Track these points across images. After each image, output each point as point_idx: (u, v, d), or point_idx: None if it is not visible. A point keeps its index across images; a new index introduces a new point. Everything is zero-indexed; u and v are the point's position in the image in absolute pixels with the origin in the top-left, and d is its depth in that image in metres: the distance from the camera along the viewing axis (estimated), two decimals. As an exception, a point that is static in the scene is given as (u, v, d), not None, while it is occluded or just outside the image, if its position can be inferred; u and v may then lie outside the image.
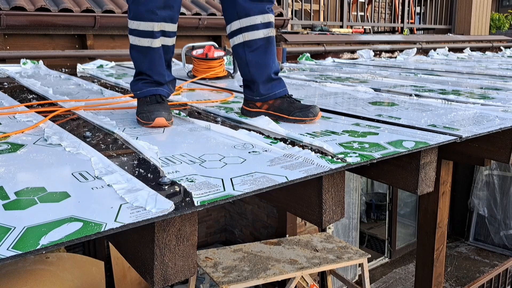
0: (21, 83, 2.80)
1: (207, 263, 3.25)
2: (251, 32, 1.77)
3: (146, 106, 1.72)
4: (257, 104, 1.84)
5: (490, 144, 1.86)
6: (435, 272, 2.94)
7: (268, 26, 1.79)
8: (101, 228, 0.81)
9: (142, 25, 1.71)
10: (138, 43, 1.74)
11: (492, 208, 7.13)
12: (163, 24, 1.73)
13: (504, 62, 5.16)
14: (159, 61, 1.78)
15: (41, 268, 3.51)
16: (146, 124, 1.66)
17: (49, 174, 1.12)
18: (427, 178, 1.51)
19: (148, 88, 1.78)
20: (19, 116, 1.80)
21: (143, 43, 1.73)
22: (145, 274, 1.02)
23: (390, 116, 1.86)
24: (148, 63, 1.77)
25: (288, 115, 1.76)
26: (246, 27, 1.77)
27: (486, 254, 7.08)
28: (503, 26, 8.91)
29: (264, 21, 1.77)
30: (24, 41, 3.76)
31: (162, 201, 0.92)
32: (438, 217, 2.81)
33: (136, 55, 1.78)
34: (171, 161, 1.23)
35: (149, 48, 1.73)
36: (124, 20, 4.04)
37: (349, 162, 1.22)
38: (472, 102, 2.19)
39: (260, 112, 1.81)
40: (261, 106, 1.83)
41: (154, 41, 1.73)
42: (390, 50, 6.19)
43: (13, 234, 0.78)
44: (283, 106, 1.79)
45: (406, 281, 6.26)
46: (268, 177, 1.10)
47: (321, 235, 3.84)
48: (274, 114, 1.80)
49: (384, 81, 3.18)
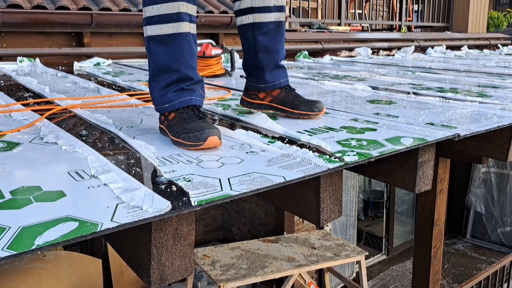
0: (18, 81, 2.79)
1: (205, 261, 3.25)
2: (262, 14, 1.65)
3: (188, 123, 1.39)
4: (260, 96, 1.75)
5: (488, 142, 1.86)
6: (432, 269, 2.95)
7: (280, 10, 1.68)
8: (97, 228, 0.81)
9: (164, 8, 1.42)
10: (160, 31, 1.44)
11: (489, 206, 7.15)
12: (187, 5, 1.45)
13: (502, 60, 5.16)
14: (188, 50, 1.47)
15: (38, 266, 3.50)
16: (195, 146, 1.33)
17: (45, 173, 1.11)
18: (425, 177, 1.51)
19: (181, 99, 1.46)
20: (15, 114, 1.79)
21: (166, 30, 1.44)
22: (142, 274, 1.02)
23: (388, 114, 1.85)
24: (175, 54, 1.45)
25: (293, 109, 1.70)
26: (258, 8, 1.64)
27: (483, 251, 7.10)
28: (501, 24, 8.92)
29: (278, 4, 1.67)
30: (20, 39, 3.74)
31: (159, 200, 0.92)
32: (436, 215, 2.82)
33: (158, 48, 1.46)
34: (168, 160, 1.23)
35: (175, 34, 1.44)
36: (121, 18, 4.05)
37: (347, 161, 1.21)
38: (470, 100, 2.19)
39: (262, 105, 1.74)
40: (264, 98, 1.75)
41: (181, 25, 1.44)
42: (388, 48, 6.18)
43: (8, 234, 0.77)
44: (288, 99, 1.72)
45: (404, 278, 6.27)
46: (265, 177, 1.09)
47: (318, 233, 3.84)
48: (277, 107, 1.73)
49: (382, 79, 3.18)
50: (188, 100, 1.46)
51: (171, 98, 1.46)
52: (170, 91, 1.46)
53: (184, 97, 1.46)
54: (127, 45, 4.26)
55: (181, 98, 1.46)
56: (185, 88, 1.47)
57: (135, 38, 4.34)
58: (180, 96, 1.46)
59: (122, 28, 4.15)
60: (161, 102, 1.48)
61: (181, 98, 1.46)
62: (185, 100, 1.46)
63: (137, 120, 1.76)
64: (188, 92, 1.47)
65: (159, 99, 1.48)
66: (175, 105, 1.45)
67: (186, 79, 1.47)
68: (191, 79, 1.48)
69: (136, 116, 1.83)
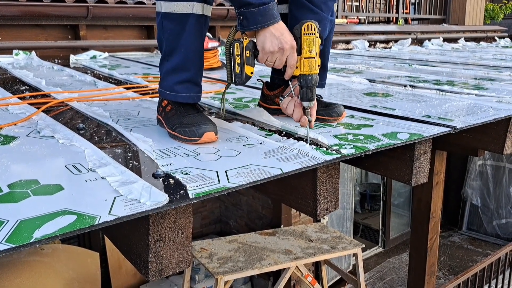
0: (14, 75, 2.77)
1: (202, 254, 3.26)
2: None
3: (184, 117, 1.38)
4: (276, 100, 1.65)
5: (484, 134, 1.87)
6: (428, 261, 2.97)
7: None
8: (95, 221, 0.81)
9: None
10: (175, 9, 1.36)
11: (485, 198, 7.18)
12: None
13: (498, 53, 5.17)
14: (197, 34, 1.40)
15: (36, 259, 3.50)
16: (191, 141, 1.32)
17: (42, 166, 1.11)
18: (421, 169, 1.52)
19: (185, 93, 1.43)
20: (12, 108, 1.78)
21: (181, 9, 1.36)
22: (140, 267, 1.02)
23: (384, 107, 1.86)
24: (185, 40, 1.38)
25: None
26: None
27: (479, 243, 7.15)
28: (497, 16, 8.91)
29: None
30: (16, 32, 3.72)
31: (157, 193, 0.92)
32: (432, 207, 2.83)
33: (171, 27, 1.38)
34: (165, 153, 1.23)
35: (189, 15, 1.37)
36: (117, 10, 4.02)
37: (343, 154, 1.22)
38: (466, 93, 2.19)
39: (278, 110, 1.63)
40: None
41: (196, 6, 1.36)
42: (384, 40, 6.18)
43: (7, 227, 0.78)
44: None
45: (400, 270, 6.32)
46: (263, 169, 1.10)
47: (315, 226, 3.86)
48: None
49: (378, 72, 3.18)
50: (190, 98, 1.44)
51: (177, 90, 1.43)
52: (177, 82, 1.43)
53: (189, 93, 1.44)
54: (123, 38, 4.24)
55: (185, 93, 1.43)
56: (192, 81, 1.45)
57: (131, 31, 4.32)
58: (186, 90, 1.43)
59: (118, 20, 4.13)
60: (165, 87, 1.45)
61: (185, 93, 1.43)
62: (189, 96, 1.44)
63: (134, 112, 1.76)
64: (194, 88, 1.45)
65: (165, 83, 1.45)
66: (177, 97, 1.43)
67: (190, 69, 1.43)
68: (195, 72, 1.45)
69: (133, 109, 1.83)
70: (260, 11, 1.30)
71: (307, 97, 1.38)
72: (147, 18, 4.23)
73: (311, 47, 1.36)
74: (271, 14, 1.32)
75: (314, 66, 1.37)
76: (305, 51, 1.36)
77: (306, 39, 1.35)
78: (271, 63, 1.38)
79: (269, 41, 1.33)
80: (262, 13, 1.30)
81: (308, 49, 1.36)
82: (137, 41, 4.26)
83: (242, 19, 1.33)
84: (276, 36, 1.32)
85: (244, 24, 1.33)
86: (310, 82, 1.37)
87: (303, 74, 1.37)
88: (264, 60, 1.38)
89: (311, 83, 1.37)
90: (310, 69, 1.36)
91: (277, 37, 1.33)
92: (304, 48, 1.36)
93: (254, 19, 1.31)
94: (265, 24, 1.32)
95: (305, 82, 1.37)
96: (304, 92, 1.38)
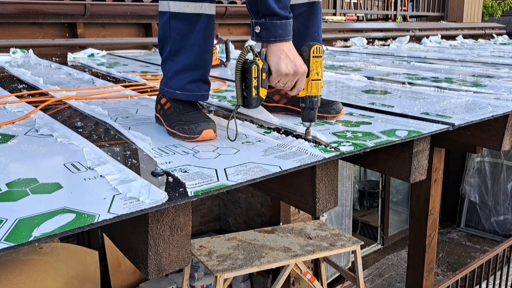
0: (11, 73, 2.77)
1: (202, 252, 3.26)
2: None
3: (183, 114, 1.37)
4: (275, 98, 1.64)
5: (482, 131, 1.87)
6: (427, 258, 2.97)
7: None
8: (94, 219, 0.81)
9: None
10: (186, 9, 1.34)
11: (483, 195, 7.20)
12: None
13: (497, 50, 5.17)
14: (209, 34, 1.38)
15: (35, 258, 3.50)
16: (190, 139, 1.31)
17: (40, 165, 1.11)
18: (420, 166, 1.52)
19: (197, 92, 1.41)
20: (10, 106, 1.78)
21: (193, 9, 1.34)
22: (139, 265, 1.02)
23: (383, 104, 1.86)
24: (197, 39, 1.36)
25: None
26: None
27: (477, 240, 7.17)
28: (495, 13, 8.91)
29: None
30: (13, 30, 3.70)
31: (156, 191, 0.92)
32: (430, 204, 2.83)
33: (180, 27, 1.35)
34: (164, 151, 1.23)
35: (201, 15, 1.35)
36: (115, 8, 4.01)
37: (342, 151, 1.22)
38: (464, 90, 2.19)
39: (277, 107, 1.64)
40: (279, 100, 1.65)
41: (209, 6, 1.34)
42: (383, 37, 6.18)
43: (5, 226, 0.78)
44: None
45: (399, 267, 6.33)
46: (261, 167, 1.10)
47: (314, 223, 3.86)
48: (293, 109, 1.64)
49: (377, 69, 3.18)
50: (202, 96, 1.43)
51: (189, 89, 1.40)
52: (189, 81, 1.40)
53: (201, 91, 1.42)
54: (121, 36, 4.23)
55: (197, 92, 1.42)
56: (203, 80, 1.43)
57: (129, 28, 4.30)
58: (197, 89, 1.42)
59: (116, 18, 4.11)
60: (176, 86, 1.41)
61: (197, 91, 1.42)
62: (201, 94, 1.42)
63: (133, 110, 1.76)
64: (205, 86, 1.44)
65: (174, 82, 1.41)
66: (189, 96, 1.41)
67: (200, 67, 1.42)
68: (205, 72, 1.44)
69: (131, 107, 1.82)
70: (282, 24, 1.27)
71: (310, 117, 1.36)
72: (145, 16, 4.21)
73: (319, 69, 1.35)
74: (289, 30, 1.30)
75: (320, 88, 1.37)
76: (313, 73, 1.35)
77: (314, 62, 1.34)
78: (282, 85, 1.35)
79: (284, 63, 1.30)
80: (284, 26, 1.27)
81: (316, 71, 1.35)
82: (135, 39, 4.25)
83: (260, 29, 1.28)
84: (291, 58, 1.30)
85: (263, 35, 1.28)
86: (316, 104, 1.36)
87: (309, 96, 1.36)
88: (275, 82, 1.34)
89: (316, 104, 1.36)
90: (317, 91, 1.36)
91: (291, 60, 1.30)
92: (313, 70, 1.34)
93: (274, 31, 1.27)
94: (284, 39, 1.29)
95: (310, 104, 1.36)
96: (308, 113, 1.36)
